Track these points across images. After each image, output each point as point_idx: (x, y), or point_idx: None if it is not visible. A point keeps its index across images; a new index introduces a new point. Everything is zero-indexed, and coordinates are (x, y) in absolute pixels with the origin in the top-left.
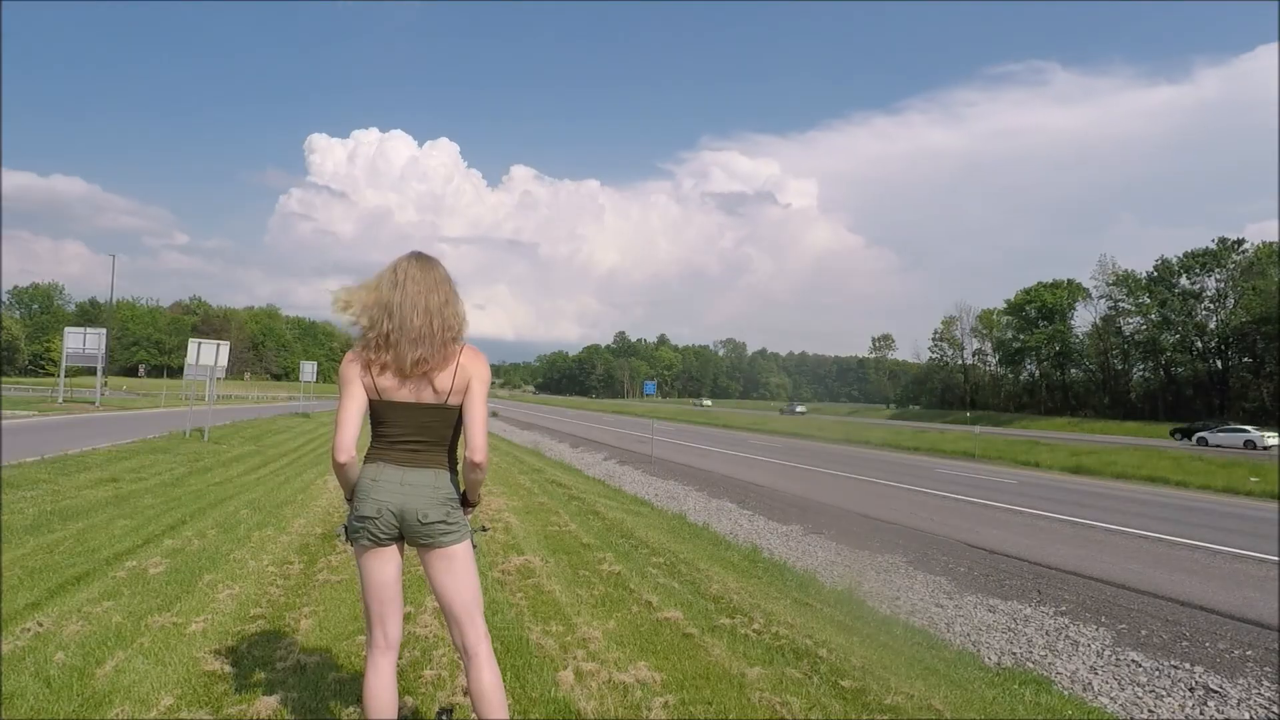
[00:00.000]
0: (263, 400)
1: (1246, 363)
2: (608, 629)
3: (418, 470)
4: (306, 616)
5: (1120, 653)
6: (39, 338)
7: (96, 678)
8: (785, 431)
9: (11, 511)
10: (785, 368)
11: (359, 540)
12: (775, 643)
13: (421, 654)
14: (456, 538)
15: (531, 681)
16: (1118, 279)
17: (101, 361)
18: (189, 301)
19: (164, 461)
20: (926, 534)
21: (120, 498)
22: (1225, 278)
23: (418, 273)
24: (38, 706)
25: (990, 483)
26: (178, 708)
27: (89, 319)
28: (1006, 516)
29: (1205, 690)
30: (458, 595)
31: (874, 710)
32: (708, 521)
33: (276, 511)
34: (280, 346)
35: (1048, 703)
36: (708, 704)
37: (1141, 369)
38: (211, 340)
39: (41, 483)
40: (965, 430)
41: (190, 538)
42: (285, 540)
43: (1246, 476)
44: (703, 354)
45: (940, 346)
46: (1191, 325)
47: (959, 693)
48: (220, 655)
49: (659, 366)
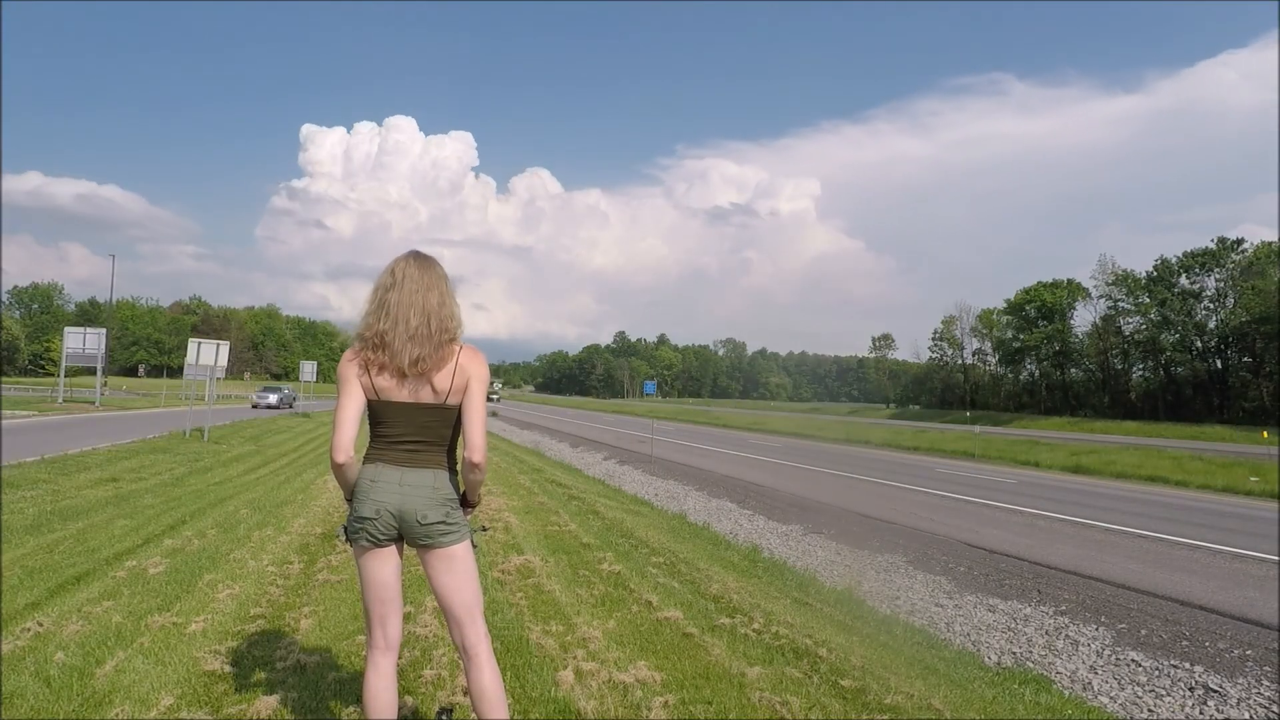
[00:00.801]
0: None
1: (1246, 362)
2: (608, 629)
3: (417, 470)
4: (306, 616)
5: (1120, 652)
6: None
7: (96, 678)
8: (785, 431)
9: (11, 511)
10: (785, 367)
11: (358, 541)
12: (775, 642)
13: (421, 654)
14: (456, 538)
15: (531, 681)
16: (1117, 279)
17: (101, 361)
18: (189, 301)
19: (164, 461)
20: (926, 534)
21: (120, 497)
22: (1225, 277)
23: (415, 272)
24: (38, 706)
25: (990, 482)
26: (178, 707)
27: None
28: (1006, 516)
29: (1205, 690)
30: (458, 595)
31: (874, 710)
32: (708, 521)
33: (276, 511)
34: (280, 346)
35: (1047, 702)
36: (707, 704)
37: (1141, 369)
38: (211, 340)
39: (41, 483)
40: (965, 430)
41: (190, 537)
42: (285, 540)
43: (1246, 476)
44: (703, 354)
45: (940, 346)
46: (1191, 325)
47: (959, 692)
48: (220, 655)
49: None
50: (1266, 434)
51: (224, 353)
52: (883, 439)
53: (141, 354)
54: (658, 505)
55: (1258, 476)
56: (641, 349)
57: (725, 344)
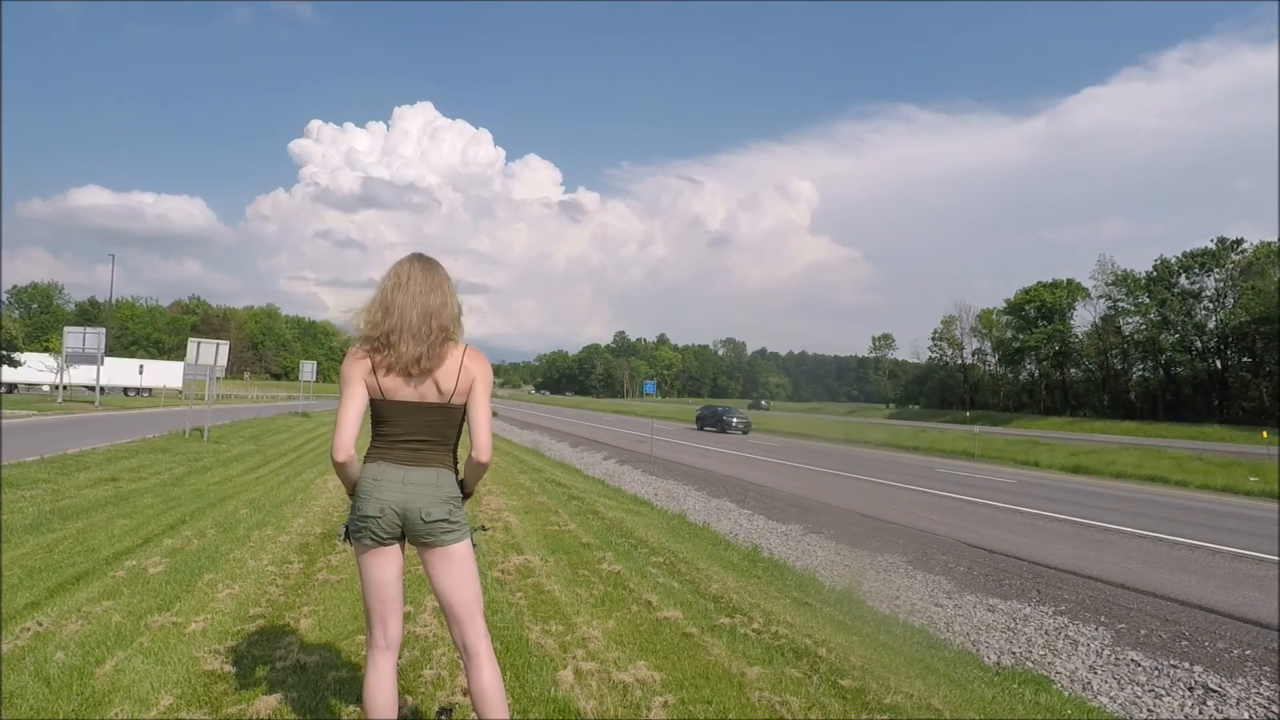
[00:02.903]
0: (262, 400)
1: (1246, 362)
2: (607, 628)
3: (420, 469)
4: (306, 616)
5: (1120, 652)
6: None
7: (96, 677)
8: (785, 431)
9: (11, 511)
10: (785, 367)
11: (361, 539)
12: (775, 642)
13: (421, 653)
14: (457, 536)
15: (531, 681)
16: (1117, 279)
17: (101, 361)
18: (188, 301)
19: (163, 461)
20: (926, 534)
21: (120, 497)
22: (1224, 277)
23: (419, 274)
24: (38, 706)
25: (990, 482)
26: (177, 707)
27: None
28: (1006, 516)
29: (1204, 690)
30: (458, 594)
31: (873, 710)
32: (707, 521)
33: (276, 511)
34: (280, 346)
35: (1047, 702)
36: (707, 703)
37: (1141, 368)
38: (211, 340)
39: (41, 482)
40: (965, 430)
41: (190, 537)
42: (285, 540)
43: (1246, 476)
44: (702, 353)
45: (940, 346)
46: (1191, 325)
47: (958, 692)
48: (220, 655)
49: (659, 366)
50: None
51: (224, 352)
52: (882, 439)
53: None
54: (657, 505)
55: (1257, 476)
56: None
57: (725, 344)
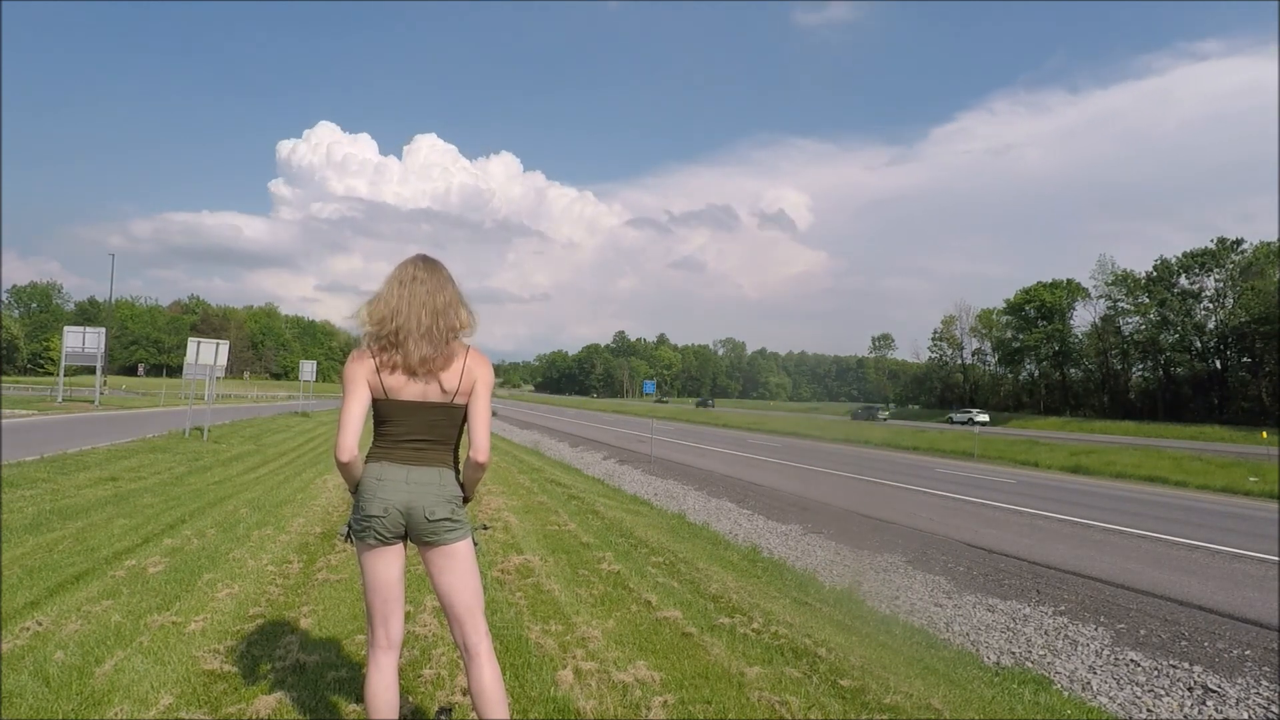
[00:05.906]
0: (262, 399)
1: (1245, 362)
2: (607, 628)
3: (423, 469)
4: (306, 616)
5: (1119, 652)
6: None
7: (96, 677)
8: (785, 431)
9: (11, 510)
10: (785, 367)
11: (365, 539)
12: (774, 642)
13: (421, 653)
14: (459, 536)
15: (531, 680)
16: (1116, 279)
17: (101, 360)
18: (188, 301)
19: (163, 460)
20: (926, 534)
21: (119, 497)
22: (1224, 277)
23: (424, 274)
24: (37, 706)
25: (990, 482)
26: (177, 707)
27: (88, 318)
28: (1006, 516)
29: (1204, 689)
30: (459, 594)
31: (873, 709)
32: (707, 521)
33: (276, 511)
34: (279, 346)
35: (1047, 702)
36: (707, 703)
37: (1140, 368)
38: (211, 339)
39: (41, 482)
40: (965, 430)
41: (189, 537)
42: (284, 539)
43: (1245, 476)
44: (702, 353)
45: (940, 346)
46: (1190, 325)
47: (958, 692)
48: (219, 654)
49: (658, 366)
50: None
51: (223, 352)
52: (883, 439)
53: (141, 353)
54: (657, 505)
55: (1257, 477)
56: (641, 348)
57: (725, 343)
